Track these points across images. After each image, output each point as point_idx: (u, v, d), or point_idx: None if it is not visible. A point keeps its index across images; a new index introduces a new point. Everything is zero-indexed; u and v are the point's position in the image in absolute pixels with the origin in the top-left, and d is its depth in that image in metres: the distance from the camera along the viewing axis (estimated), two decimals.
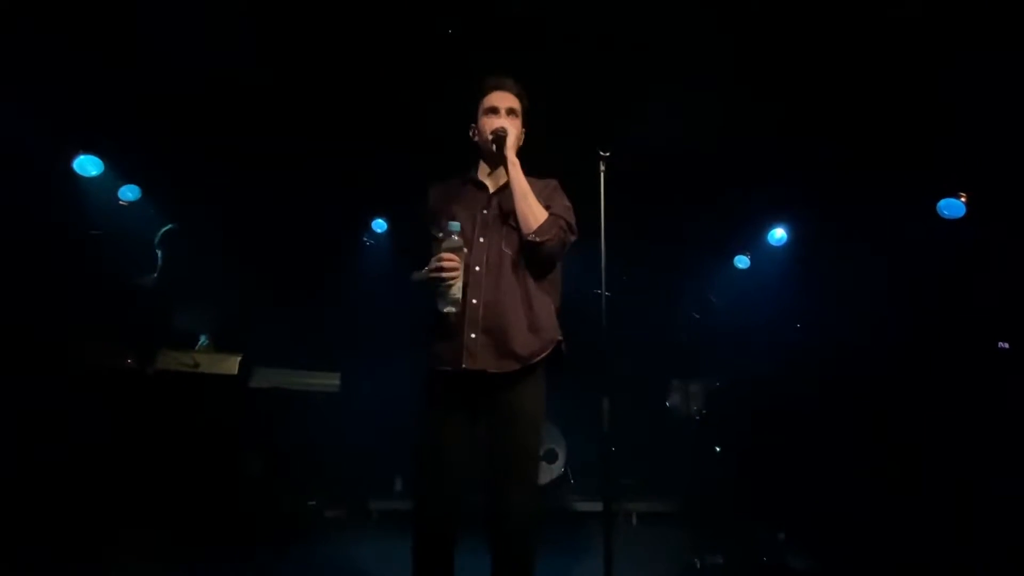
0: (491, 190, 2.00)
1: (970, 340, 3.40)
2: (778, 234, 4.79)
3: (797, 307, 4.34)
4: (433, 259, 1.77)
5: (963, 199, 3.79)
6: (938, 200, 3.83)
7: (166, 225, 3.78)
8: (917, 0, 2.88)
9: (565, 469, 4.74)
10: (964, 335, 3.44)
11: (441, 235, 1.77)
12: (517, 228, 1.86)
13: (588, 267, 2.11)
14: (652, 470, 4.58)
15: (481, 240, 1.87)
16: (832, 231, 4.37)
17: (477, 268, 1.83)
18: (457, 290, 1.75)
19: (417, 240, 1.96)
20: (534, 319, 1.84)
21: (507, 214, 1.90)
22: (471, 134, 2.04)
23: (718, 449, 4.00)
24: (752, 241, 4.98)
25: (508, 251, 1.87)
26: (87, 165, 4.00)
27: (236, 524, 3.60)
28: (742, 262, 5.07)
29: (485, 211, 1.93)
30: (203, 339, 3.59)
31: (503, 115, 1.96)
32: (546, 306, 1.90)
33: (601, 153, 2.21)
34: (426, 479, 1.80)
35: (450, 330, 1.80)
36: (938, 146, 3.61)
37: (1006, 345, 3.20)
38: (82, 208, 3.97)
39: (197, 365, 3.34)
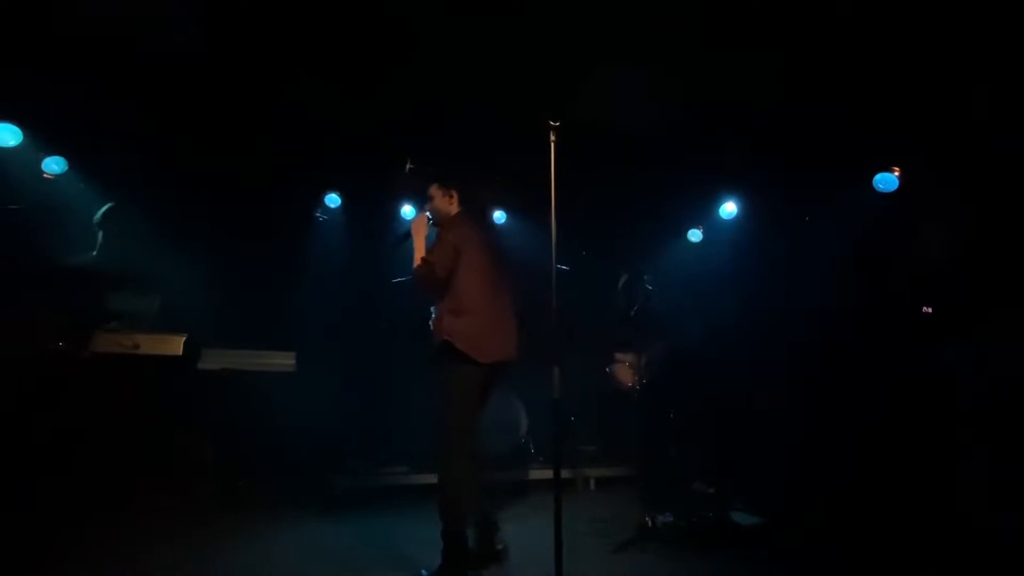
0: None
1: (900, 305, 3.64)
2: (728, 208, 4.93)
3: (745, 278, 4.52)
4: None
5: (897, 173, 4.00)
6: (874, 174, 4.04)
7: (102, 202, 3.56)
8: None
9: (526, 439, 4.86)
10: (894, 301, 3.68)
11: None
12: None
13: (541, 241, 2.14)
14: (610, 437, 4.75)
15: None
16: (778, 206, 4.54)
17: None
18: None
19: None
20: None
21: None
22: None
23: (671, 415, 4.18)
24: (704, 215, 5.12)
25: None
26: (5, 135, 3.69)
27: (190, 508, 3.54)
28: (695, 236, 5.22)
29: None
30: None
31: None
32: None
33: (551, 123, 2.21)
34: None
35: None
36: (876, 123, 3.78)
37: (929, 309, 3.44)
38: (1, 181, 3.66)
39: (138, 346, 3.20)
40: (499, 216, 5.33)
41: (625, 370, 4.39)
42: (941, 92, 3.43)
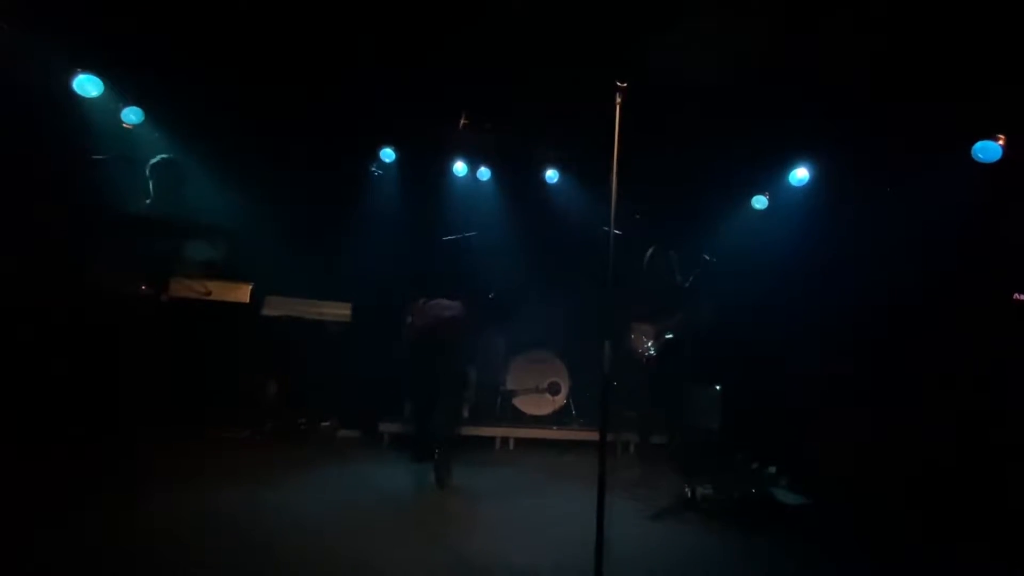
0: None
1: (989, 291, 3.32)
2: (799, 174, 4.60)
3: (811, 252, 4.25)
4: None
5: (1001, 142, 3.57)
6: (973, 142, 3.61)
7: (175, 152, 3.74)
8: None
9: (568, 401, 4.95)
10: (984, 286, 3.36)
11: None
12: None
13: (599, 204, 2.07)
14: (652, 404, 4.73)
15: None
16: (858, 173, 4.18)
17: None
18: None
19: None
20: None
21: None
22: None
23: (718, 388, 4.09)
24: (772, 181, 4.80)
25: None
26: (87, 85, 3.87)
27: (254, 441, 3.86)
28: (760, 203, 4.93)
29: None
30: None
31: None
32: None
33: (618, 84, 2.10)
34: None
35: None
36: (979, 81, 3.34)
37: (1022, 297, 3.13)
38: (85, 131, 3.87)
39: (209, 293, 3.42)
40: (551, 175, 5.22)
41: (639, 339, 4.34)
42: None
